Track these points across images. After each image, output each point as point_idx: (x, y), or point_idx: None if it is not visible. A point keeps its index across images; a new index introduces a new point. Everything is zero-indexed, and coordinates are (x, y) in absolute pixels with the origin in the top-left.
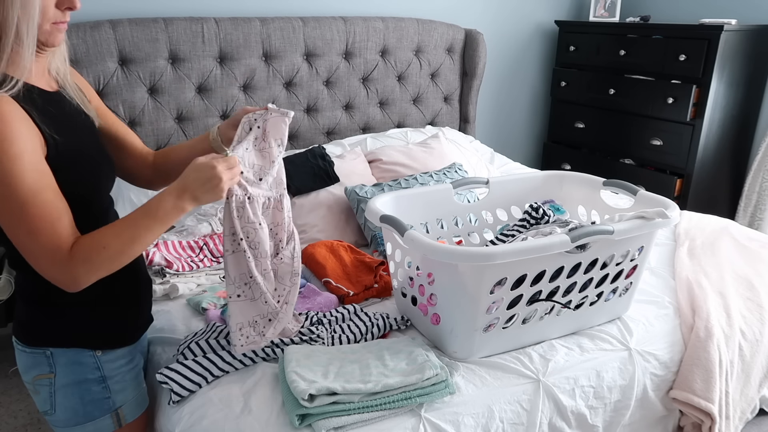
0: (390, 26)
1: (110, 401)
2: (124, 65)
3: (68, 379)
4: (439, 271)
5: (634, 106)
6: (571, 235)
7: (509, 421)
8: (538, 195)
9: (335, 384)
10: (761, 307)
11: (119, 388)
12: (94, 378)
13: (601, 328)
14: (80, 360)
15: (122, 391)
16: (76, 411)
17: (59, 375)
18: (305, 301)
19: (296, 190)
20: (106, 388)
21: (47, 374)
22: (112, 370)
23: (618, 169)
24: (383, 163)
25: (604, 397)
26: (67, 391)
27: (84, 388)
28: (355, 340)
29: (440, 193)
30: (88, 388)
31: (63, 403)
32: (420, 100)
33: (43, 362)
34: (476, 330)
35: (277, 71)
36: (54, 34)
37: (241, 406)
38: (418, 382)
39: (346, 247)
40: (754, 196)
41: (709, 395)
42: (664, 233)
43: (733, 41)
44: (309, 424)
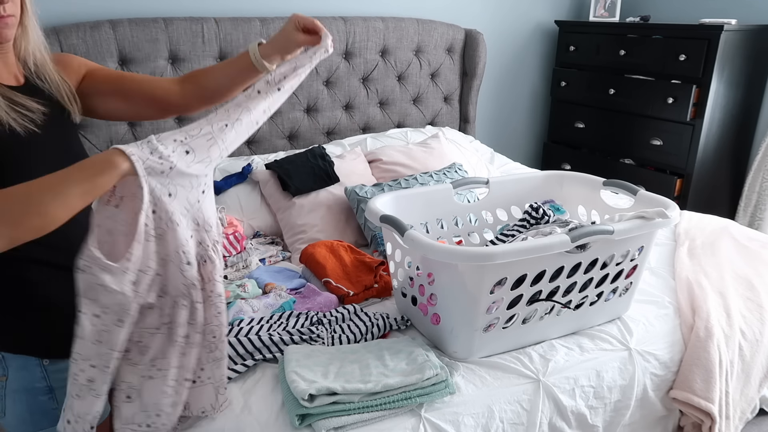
0: (390, 26)
1: (58, 412)
2: (124, 65)
3: (18, 385)
4: (439, 271)
5: (634, 106)
6: (571, 235)
7: (509, 421)
8: (538, 195)
9: (335, 384)
10: (761, 307)
11: None
12: (41, 387)
13: (601, 328)
14: (28, 367)
15: None
16: (24, 419)
17: (10, 379)
18: (305, 301)
19: (296, 190)
20: (53, 399)
21: (1, 377)
22: (60, 381)
23: (618, 169)
24: (383, 163)
25: (604, 397)
26: (16, 397)
27: (31, 397)
28: (355, 340)
29: (440, 193)
30: (35, 396)
31: (12, 408)
32: (420, 100)
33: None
34: (476, 330)
35: None
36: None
37: (240, 405)
38: (418, 382)
39: (346, 247)
40: (754, 196)
41: (709, 395)
42: (664, 233)
43: (733, 41)
44: (309, 424)
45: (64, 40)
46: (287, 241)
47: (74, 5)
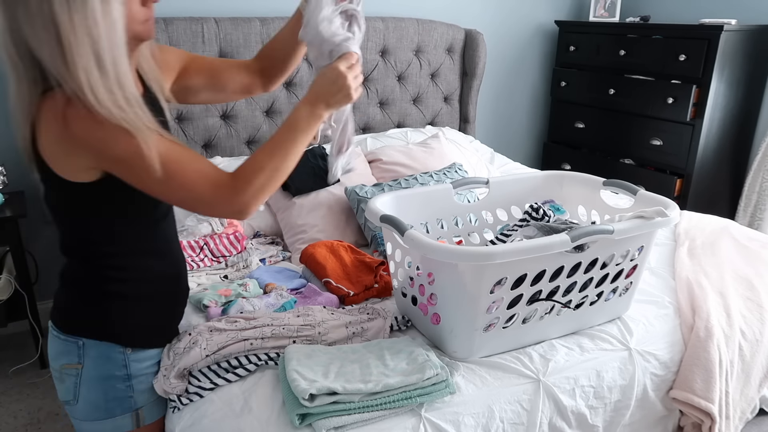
0: (390, 26)
1: (132, 400)
2: None
3: (95, 373)
4: (439, 270)
5: (634, 106)
6: (571, 234)
7: (509, 421)
8: (538, 195)
9: (336, 384)
10: (761, 307)
11: (143, 388)
12: (120, 375)
13: (601, 327)
14: (109, 355)
15: (145, 392)
16: (97, 405)
17: (87, 367)
18: (306, 301)
19: (296, 190)
20: (130, 387)
21: (75, 364)
22: (139, 370)
23: (618, 169)
24: (383, 163)
25: (604, 397)
26: (92, 384)
27: (109, 384)
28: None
29: (440, 193)
30: (113, 384)
31: (86, 395)
32: (420, 100)
33: (74, 351)
34: (476, 330)
35: None
36: (147, 30)
37: (241, 405)
38: (419, 381)
39: (346, 247)
40: (754, 196)
41: (709, 395)
42: (664, 233)
43: (733, 41)
44: (309, 424)
45: None
46: (287, 241)
47: None
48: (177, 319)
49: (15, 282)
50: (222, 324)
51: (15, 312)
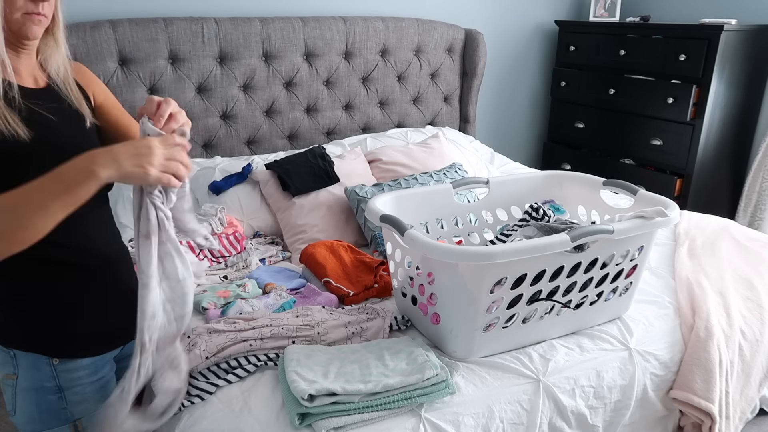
0: (390, 26)
1: (67, 412)
2: (124, 65)
3: (28, 384)
4: (439, 270)
5: (634, 106)
6: (571, 234)
7: (509, 421)
8: (538, 195)
9: (335, 385)
10: (761, 307)
11: (78, 399)
12: (50, 387)
13: (601, 327)
14: (38, 366)
15: (81, 403)
16: (32, 417)
17: (21, 378)
18: (305, 301)
19: (296, 190)
20: (62, 399)
21: (11, 375)
22: (70, 381)
23: (618, 169)
24: (383, 163)
25: (604, 397)
26: (26, 395)
27: (40, 395)
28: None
29: (440, 193)
30: (44, 396)
31: (22, 406)
32: (420, 100)
33: (9, 362)
34: (476, 330)
35: (277, 71)
36: (27, 25)
37: (240, 405)
38: (419, 382)
39: (346, 247)
40: (754, 196)
41: (709, 395)
42: (664, 233)
43: (733, 41)
44: (309, 424)
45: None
46: (287, 241)
47: (74, 5)
48: (114, 327)
49: None
50: (221, 325)
51: None
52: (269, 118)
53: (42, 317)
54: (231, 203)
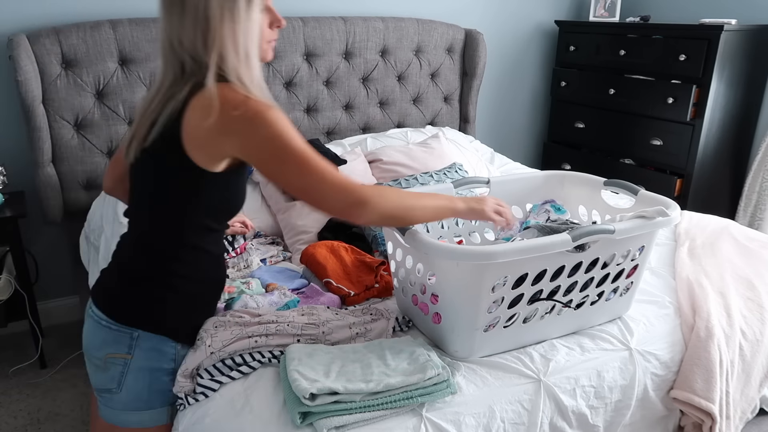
0: (390, 26)
1: (171, 394)
2: (124, 65)
3: (144, 364)
4: (440, 270)
5: (634, 106)
6: (573, 234)
7: (510, 421)
8: (538, 195)
9: (336, 384)
10: (762, 307)
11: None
12: (168, 369)
13: (601, 327)
14: (162, 348)
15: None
16: (140, 396)
17: (136, 357)
18: (308, 301)
19: None
20: (173, 381)
21: (123, 354)
22: (181, 365)
23: (618, 169)
24: (383, 163)
25: (605, 396)
26: (140, 374)
27: (155, 376)
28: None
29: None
30: (159, 377)
31: (132, 385)
32: (420, 100)
33: (124, 342)
34: (477, 329)
35: (277, 71)
36: (268, 52)
37: (242, 403)
38: (420, 381)
39: (346, 248)
40: (754, 196)
41: (709, 395)
42: (664, 233)
43: (733, 41)
44: (310, 423)
45: (64, 40)
46: (288, 241)
47: (74, 5)
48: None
49: (15, 282)
50: (227, 318)
51: (15, 312)
52: None
53: (182, 306)
54: None
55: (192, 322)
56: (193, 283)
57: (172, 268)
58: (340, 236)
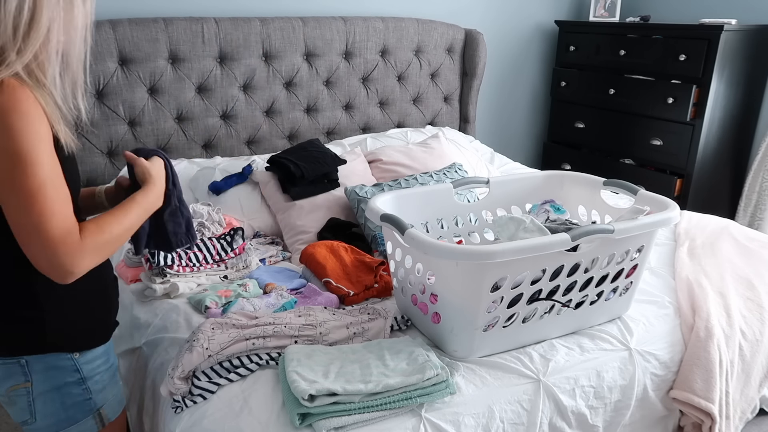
0: (390, 26)
1: (92, 402)
2: (124, 65)
3: (47, 386)
4: (440, 269)
5: (634, 106)
6: (572, 234)
7: (510, 421)
8: (538, 195)
9: (335, 385)
10: (761, 307)
11: (99, 387)
12: (74, 380)
13: (601, 327)
14: (58, 364)
15: (102, 391)
16: (58, 416)
17: (36, 382)
18: (306, 301)
19: (296, 194)
20: (87, 390)
21: (23, 384)
22: (91, 370)
23: (618, 169)
24: (383, 163)
25: (605, 397)
26: (47, 397)
27: (64, 392)
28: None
29: (441, 193)
30: (69, 391)
31: (43, 410)
32: (420, 100)
33: (18, 372)
34: (476, 329)
35: (277, 71)
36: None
37: (240, 404)
38: (419, 382)
39: (346, 248)
40: (754, 196)
41: (709, 395)
42: (664, 233)
43: (733, 41)
44: (309, 424)
45: None
46: (287, 241)
47: None
48: (114, 311)
49: None
50: (224, 320)
51: None
52: (269, 118)
53: (59, 316)
54: (231, 204)
55: (81, 327)
56: (52, 289)
57: (21, 284)
58: (340, 236)
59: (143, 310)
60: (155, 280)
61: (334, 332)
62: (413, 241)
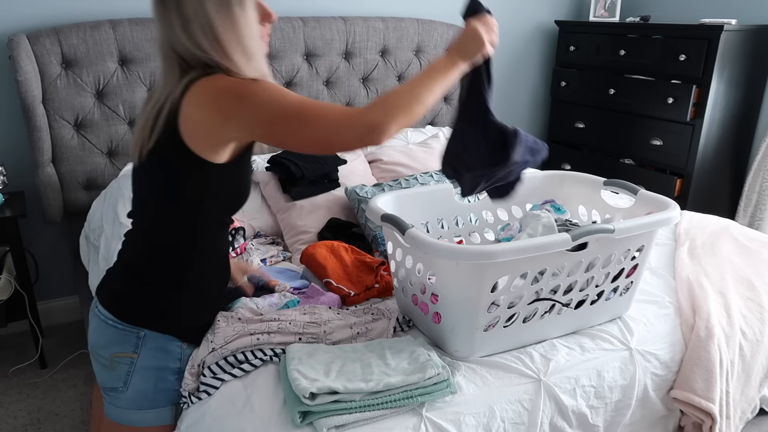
0: (390, 26)
1: (177, 393)
2: (124, 65)
3: (150, 363)
4: (440, 269)
5: (634, 106)
6: (572, 233)
7: (510, 421)
8: (538, 195)
9: (336, 383)
10: (762, 306)
11: (185, 383)
12: (173, 368)
13: (601, 327)
14: (168, 348)
15: (184, 388)
16: (146, 395)
17: (142, 357)
18: (308, 301)
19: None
20: (179, 380)
21: (130, 353)
22: (186, 365)
23: (618, 169)
24: (383, 163)
25: (605, 396)
26: (145, 374)
27: (160, 375)
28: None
29: (441, 193)
30: (165, 376)
31: (137, 384)
32: None
33: (131, 341)
34: (477, 329)
35: (277, 71)
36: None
37: (242, 402)
38: (420, 381)
39: (346, 248)
40: (754, 196)
41: (709, 395)
42: (664, 233)
43: (733, 41)
44: (310, 422)
45: (64, 40)
46: (288, 241)
47: (74, 5)
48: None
49: (15, 282)
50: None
51: (15, 312)
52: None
53: (188, 305)
54: None
55: (199, 322)
56: (201, 281)
57: (181, 267)
58: (340, 236)
59: None
60: None
61: (338, 331)
62: (414, 241)
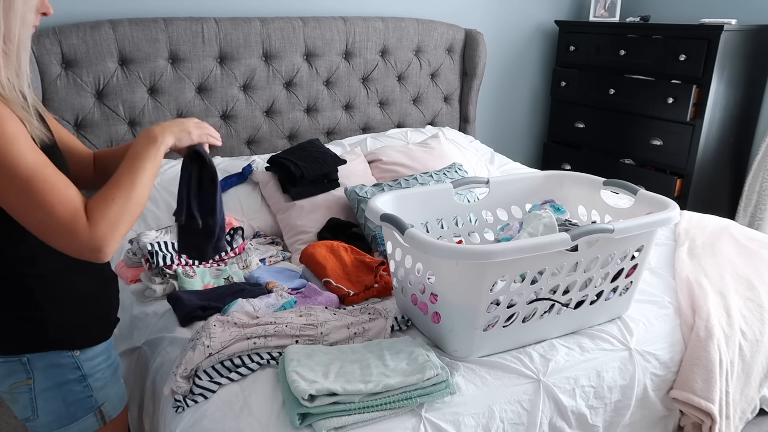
0: (390, 26)
1: (92, 399)
2: (124, 65)
3: (48, 383)
4: (440, 269)
5: (634, 106)
6: (572, 233)
7: (510, 421)
8: (538, 195)
9: (335, 385)
10: (761, 307)
11: (100, 385)
12: (75, 378)
13: (601, 327)
14: (59, 362)
15: (103, 388)
16: (59, 413)
17: (38, 380)
18: (306, 300)
19: (296, 195)
20: (88, 387)
21: (25, 381)
22: (92, 368)
23: (618, 169)
24: (383, 163)
25: (605, 397)
26: (48, 394)
27: (65, 390)
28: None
29: (440, 193)
30: (70, 388)
31: (45, 407)
32: (420, 100)
33: (20, 369)
34: (476, 329)
35: (277, 71)
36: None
37: (240, 404)
38: (419, 382)
39: (346, 248)
40: (754, 196)
41: (709, 395)
42: (664, 233)
43: (733, 41)
44: (309, 424)
45: (64, 40)
46: (287, 241)
47: (74, 5)
48: (114, 309)
49: None
50: (225, 318)
51: None
52: (269, 118)
53: (59, 315)
54: (231, 204)
55: (80, 325)
56: (58, 288)
57: (27, 283)
58: (340, 236)
59: (143, 310)
60: (155, 281)
61: (335, 332)
62: (413, 240)
